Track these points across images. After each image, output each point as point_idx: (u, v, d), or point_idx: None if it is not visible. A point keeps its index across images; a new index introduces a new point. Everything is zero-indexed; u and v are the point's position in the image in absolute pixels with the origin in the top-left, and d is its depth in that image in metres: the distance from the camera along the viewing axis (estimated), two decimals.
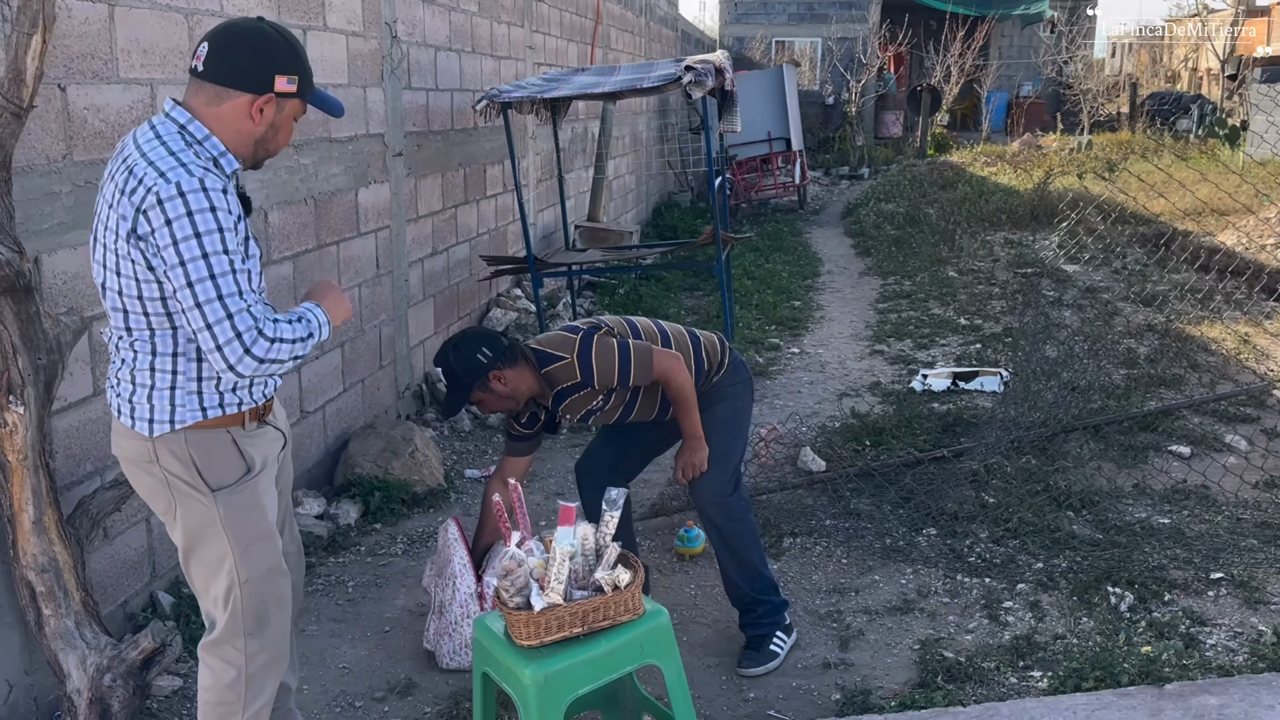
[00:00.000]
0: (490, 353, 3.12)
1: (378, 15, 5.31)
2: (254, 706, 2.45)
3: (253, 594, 2.37)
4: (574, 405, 3.29)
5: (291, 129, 2.38)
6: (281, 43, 2.26)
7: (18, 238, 2.67)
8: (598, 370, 3.17)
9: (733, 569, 3.42)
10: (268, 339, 2.15)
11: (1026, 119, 22.20)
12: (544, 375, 3.21)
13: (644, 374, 3.19)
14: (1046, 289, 7.92)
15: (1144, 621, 3.38)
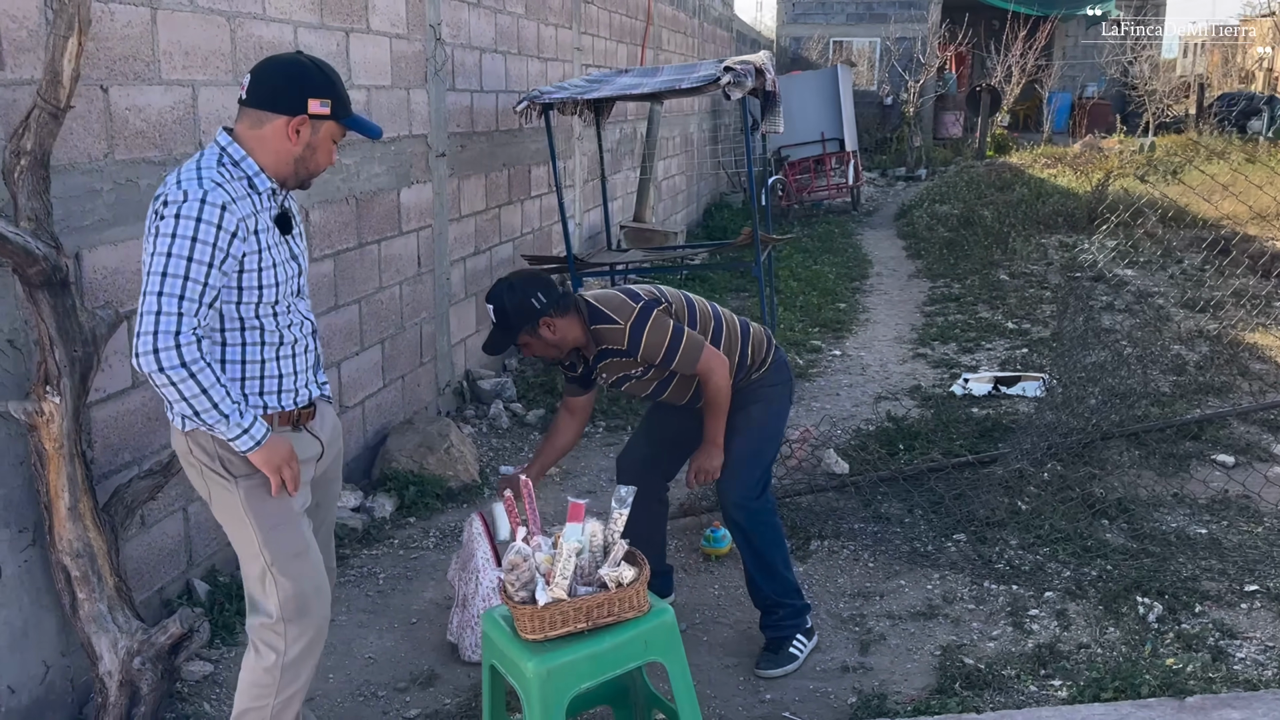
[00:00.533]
0: (545, 299, 3.11)
1: (421, 18, 5.39)
2: (287, 692, 2.55)
3: (285, 578, 2.48)
4: (612, 367, 3.28)
5: (330, 150, 2.50)
6: (315, 71, 2.42)
7: (55, 234, 2.76)
8: (645, 344, 3.16)
9: (756, 570, 3.42)
10: (170, 365, 2.22)
11: (1090, 120, 21.78)
12: (592, 332, 3.20)
13: (688, 364, 3.19)
14: (1099, 293, 7.77)
15: (1172, 633, 3.32)
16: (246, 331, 2.43)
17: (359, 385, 4.93)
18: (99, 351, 2.92)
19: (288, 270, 2.47)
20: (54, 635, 3.04)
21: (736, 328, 3.40)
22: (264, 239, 2.38)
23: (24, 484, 2.89)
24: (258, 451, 2.36)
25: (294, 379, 2.53)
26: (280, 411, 2.51)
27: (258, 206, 2.39)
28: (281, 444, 2.41)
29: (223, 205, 2.28)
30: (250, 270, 2.36)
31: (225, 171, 2.36)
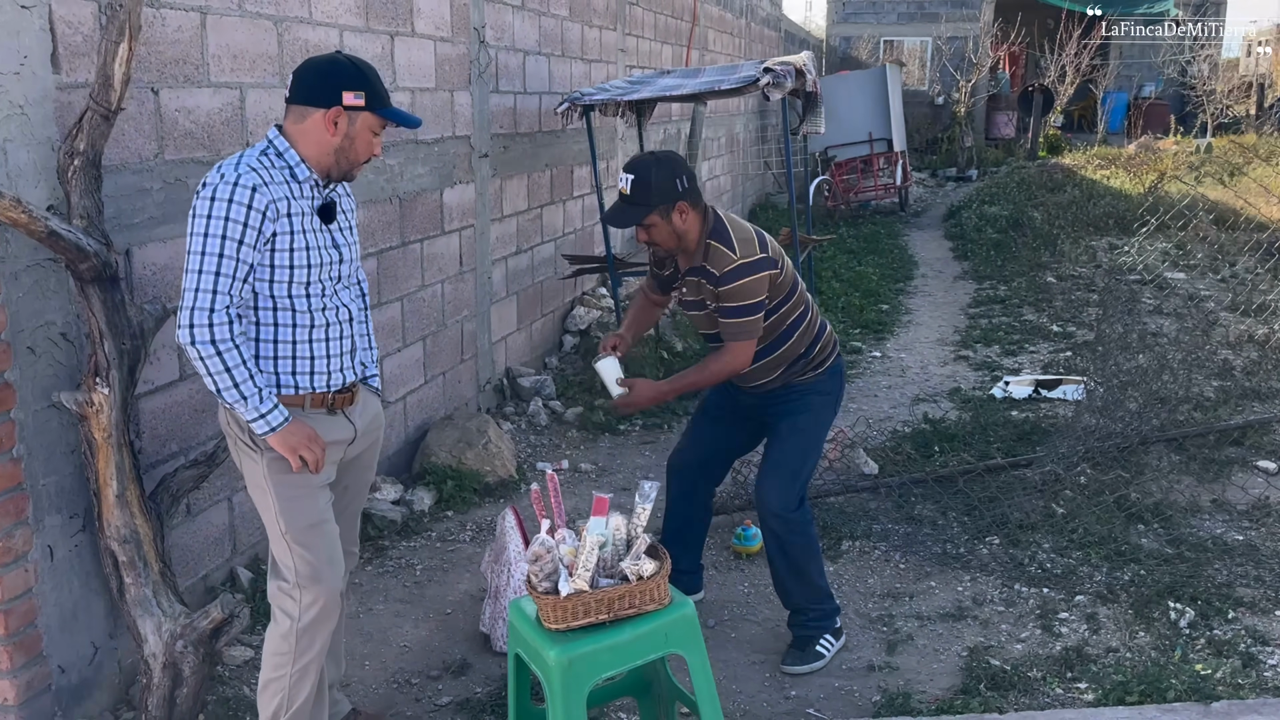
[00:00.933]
0: (688, 184, 3.11)
1: (466, 21, 5.48)
2: (303, 660, 2.67)
3: (300, 546, 2.62)
4: (695, 287, 3.25)
5: (369, 141, 2.62)
6: (350, 66, 2.57)
7: (106, 231, 2.87)
8: (731, 289, 3.13)
9: (788, 578, 3.42)
10: (202, 340, 2.41)
11: (1147, 121, 21.39)
12: (706, 243, 3.16)
13: (731, 332, 3.18)
14: (1146, 296, 7.66)
15: (1203, 638, 3.29)
16: (279, 312, 2.58)
17: (400, 381, 5.03)
18: (147, 345, 3.03)
19: (324, 256, 2.60)
20: (102, 618, 3.16)
21: (816, 323, 3.40)
22: (296, 223, 2.53)
23: (75, 472, 3.01)
24: (273, 436, 2.52)
25: (326, 362, 2.65)
26: (312, 393, 2.65)
27: (295, 194, 2.55)
28: (298, 428, 2.54)
29: (253, 187, 2.44)
30: (281, 250, 2.51)
31: (266, 160, 2.54)
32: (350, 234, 2.75)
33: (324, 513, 2.66)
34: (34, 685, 2.92)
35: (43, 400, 2.88)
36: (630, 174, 3.11)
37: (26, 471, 2.85)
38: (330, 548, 2.67)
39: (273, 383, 2.60)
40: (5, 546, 2.79)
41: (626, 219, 3.14)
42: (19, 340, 2.79)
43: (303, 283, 2.55)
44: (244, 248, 2.44)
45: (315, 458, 2.56)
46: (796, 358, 3.35)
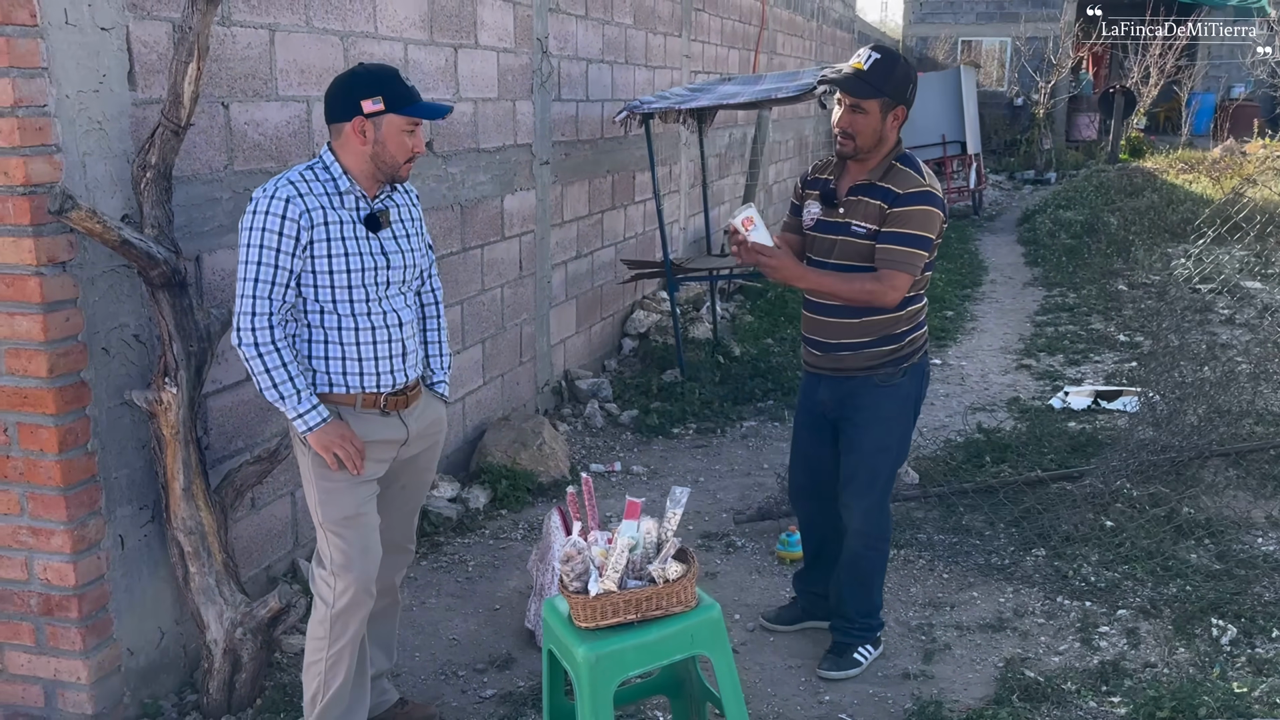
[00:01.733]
0: (913, 97, 3.11)
1: (529, 32, 5.62)
2: (338, 644, 2.82)
3: (335, 536, 2.78)
4: (858, 207, 3.10)
5: (401, 141, 2.73)
6: (364, 74, 2.70)
7: (175, 239, 3.05)
8: (910, 212, 3.01)
9: (849, 588, 3.41)
10: (246, 343, 2.64)
11: (1235, 123, 20.73)
12: (891, 165, 3.09)
13: (894, 261, 3.01)
14: (1220, 306, 7.50)
15: (1244, 656, 3.26)
16: (325, 315, 2.75)
17: (459, 382, 5.18)
18: (213, 347, 3.20)
19: (369, 263, 2.74)
20: (169, 604, 3.35)
21: (921, 314, 3.28)
22: (334, 230, 2.68)
23: (145, 466, 3.19)
24: (310, 435, 2.70)
25: (375, 364, 2.79)
26: (362, 393, 2.80)
27: (336, 204, 2.70)
28: (334, 428, 2.70)
29: (286, 199, 2.63)
30: (320, 257, 2.68)
31: (310, 174, 2.71)
32: (407, 242, 2.87)
33: (361, 506, 2.80)
34: (105, 666, 3.11)
35: (116, 398, 3.06)
36: (876, 53, 3.06)
37: (100, 465, 3.04)
38: (365, 539, 2.81)
39: (324, 382, 2.76)
40: (79, 535, 2.98)
41: (856, 88, 3.03)
42: (94, 341, 2.98)
43: (344, 287, 2.71)
44: (282, 255, 2.61)
45: (350, 457, 2.70)
46: (889, 336, 3.18)
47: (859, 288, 3.06)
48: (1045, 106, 19.54)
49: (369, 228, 2.76)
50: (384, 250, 2.80)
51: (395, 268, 2.83)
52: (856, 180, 3.13)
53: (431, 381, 3.08)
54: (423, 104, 2.73)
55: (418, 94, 2.75)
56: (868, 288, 3.05)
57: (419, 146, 2.76)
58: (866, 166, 3.12)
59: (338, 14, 4.01)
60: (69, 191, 2.70)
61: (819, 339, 3.28)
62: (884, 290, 3.03)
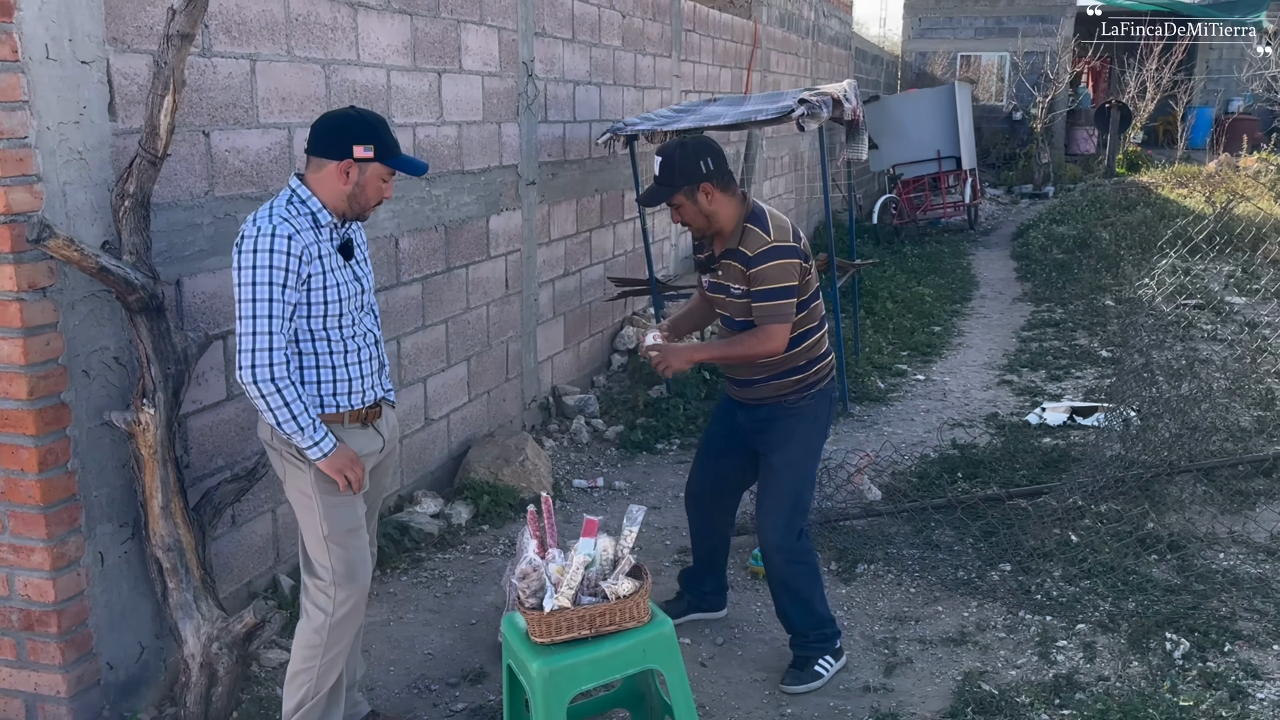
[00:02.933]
0: (713, 166, 3.26)
1: (514, 56, 5.73)
2: (332, 653, 2.95)
3: (339, 548, 2.91)
4: (729, 271, 3.37)
5: (379, 187, 2.92)
6: (359, 121, 2.86)
7: (153, 265, 3.15)
8: (759, 271, 3.26)
9: (789, 606, 3.55)
10: (263, 379, 2.72)
11: (1232, 137, 20.82)
12: (742, 228, 3.30)
13: (764, 315, 3.27)
14: (1201, 323, 7.57)
15: (1195, 670, 3.33)
16: (318, 342, 2.90)
17: (444, 399, 5.27)
18: (190, 369, 3.30)
19: (350, 289, 2.93)
20: (149, 620, 3.43)
21: (823, 345, 3.51)
22: (326, 263, 2.84)
23: (124, 485, 3.29)
24: (324, 460, 2.82)
25: (360, 382, 2.97)
26: (350, 410, 2.96)
27: (319, 237, 2.85)
28: (345, 452, 2.85)
29: (289, 235, 2.75)
30: (316, 289, 2.83)
31: (293, 209, 2.85)
32: (365, 265, 3.07)
33: (361, 518, 2.97)
34: (84, 680, 3.20)
35: (96, 419, 3.16)
36: (659, 156, 3.30)
37: (80, 484, 3.13)
38: (363, 550, 2.98)
39: (317, 404, 2.90)
40: (59, 552, 3.07)
41: (653, 198, 3.33)
42: (75, 364, 3.08)
43: (335, 315, 2.87)
44: (287, 290, 2.75)
45: (358, 478, 2.87)
46: (794, 368, 3.43)
47: (743, 349, 3.36)
48: (1043, 121, 19.65)
49: (344, 256, 2.94)
50: (356, 276, 2.98)
51: (366, 290, 3.03)
52: (724, 246, 3.38)
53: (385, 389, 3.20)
54: (406, 159, 2.91)
55: (399, 146, 2.92)
56: (750, 345, 3.34)
57: (389, 193, 2.93)
58: (725, 236, 3.36)
59: (319, 43, 4.12)
60: (47, 220, 2.80)
61: (736, 377, 3.57)
62: (763, 342, 3.31)
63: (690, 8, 8.74)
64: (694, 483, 3.82)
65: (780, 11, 12.00)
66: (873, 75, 18.93)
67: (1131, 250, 10.89)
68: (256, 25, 3.78)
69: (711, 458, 3.75)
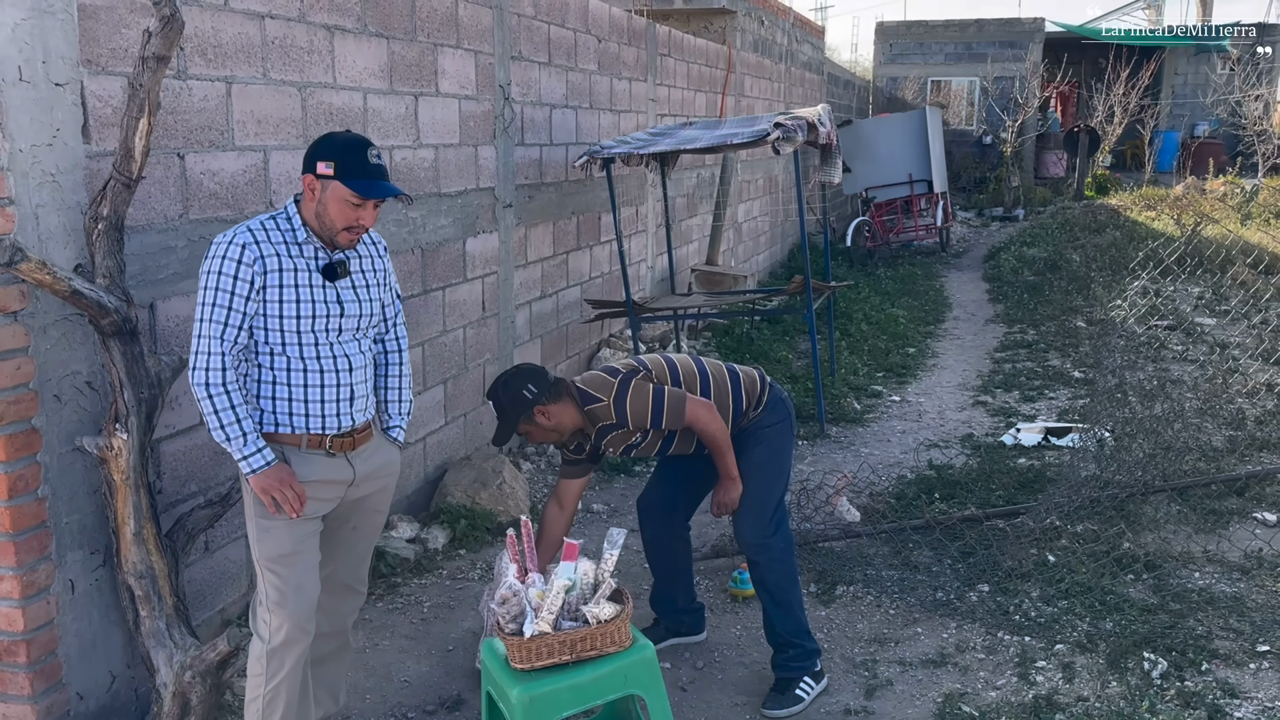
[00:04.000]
0: (535, 389, 3.37)
1: (491, 79, 5.74)
2: (274, 681, 2.88)
3: (269, 573, 2.86)
4: (614, 441, 3.52)
5: (344, 211, 2.81)
6: (332, 140, 2.82)
7: (127, 289, 3.12)
8: (631, 413, 3.41)
9: (772, 607, 3.58)
10: (198, 383, 2.73)
11: (1198, 161, 21.17)
12: (586, 412, 3.45)
13: (675, 419, 3.41)
14: (1173, 343, 7.65)
15: (1173, 690, 3.34)
16: (275, 357, 2.85)
17: (420, 423, 5.24)
18: (164, 393, 3.26)
19: (320, 310, 2.84)
20: (120, 648, 3.38)
21: (725, 376, 3.62)
22: (289, 278, 2.79)
23: (96, 510, 3.24)
24: (253, 477, 2.78)
25: (321, 406, 2.87)
26: (307, 434, 2.87)
27: (294, 253, 2.81)
28: (275, 473, 2.78)
29: (242, 244, 2.74)
30: (272, 301, 2.78)
31: (272, 223, 2.83)
32: (366, 292, 2.97)
33: (298, 544, 2.86)
34: (54, 711, 3.13)
35: (67, 444, 3.11)
36: (490, 399, 3.45)
37: (50, 510, 3.08)
38: (300, 577, 2.87)
39: (270, 422, 2.84)
40: (29, 580, 3.02)
41: (503, 436, 3.44)
42: (46, 389, 3.04)
43: (294, 331, 2.80)
44: (236, 298, 2.72)
45: (287, 501, 2.78)
46: (727, 414, 3.56)
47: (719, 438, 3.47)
48: (1013, 145, 19.90)
49: (326, 277, 2.86)
50: (340, 299, 2.89)
51: (350, 316, 2.91)
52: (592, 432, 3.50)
53: (387, 426, 3.15)
54: (364, 182, 2.76)
55: (378, 173, 2.81)
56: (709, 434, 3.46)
57: (364, 220, 2.82)
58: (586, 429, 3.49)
59: (296, 66, 4.11)
60: (19, 244, 2.77)
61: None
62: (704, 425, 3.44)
63: (665, 32, 8.80)
64: (648, 493, 3.88)
65: (754, 37, 12.11)
66: (845, 100, 19.11)
67: (1102, 272, 11.02)
68: (232, 48, 3.76)
69: (667, 475, 3.84)
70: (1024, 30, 22.57)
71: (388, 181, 2.84)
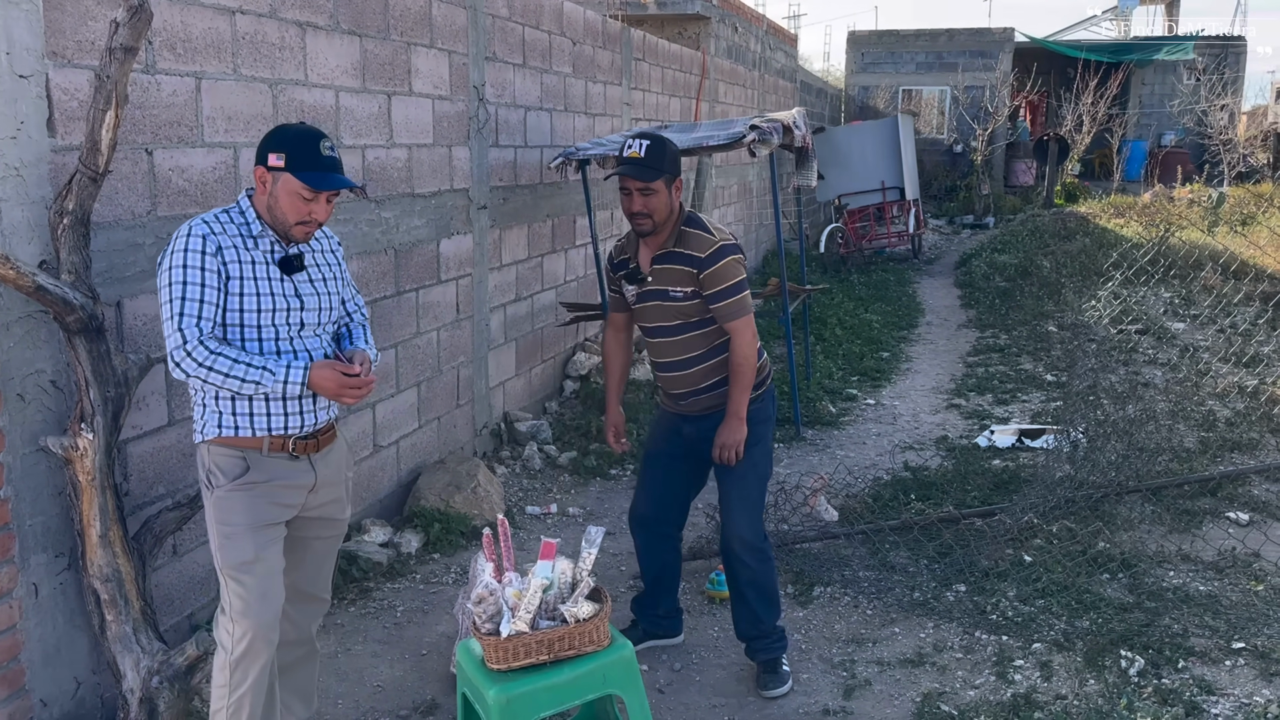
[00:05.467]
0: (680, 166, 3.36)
1: (465, 80, 5.70)
2: (238, 692, 2.79)
3: (232, 581, 2.77)
4: (666, 275, 3.40)
5: (296, 204, 2.73)
6: (283, 131, 2.75)
7: (93, 285, 3.05)
8: (718, 268, 3.32)
9: (760, 605, 3.58)
10: (195, 361, 2.61)
11: (1165, 169, 21.45)
12: (680, 231, 3.37)
13: (736, 311, 3.35)
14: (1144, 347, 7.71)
15: (1150, 687, 3.35)
16: None
17: (393, 426, 5.18)
18: (130, 392, 3.19)
19: (280, 304, 2.76)
20: (85, 654, 3.30)
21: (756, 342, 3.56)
22: (247, 270, 2.72)
23: (61, 513, 3.16)
24: (312, 384, 2.69)
25: (283, 405, 2.77)
26: (269, 436, 2.77)
27: (249, 246, 2.75)
28: (322, 369, 2.71)
29: (203, 235, 2.68)
30: (233, 294, 2.71)
31: (226, 216, 2.76)
32: (324, 285, 2.89)
33: (261, 551, 2.77)
34: (16, 718, 3.05)
35: (31, 444, 3.04)
36: (645, 140, 3.31)
37: (14, 512, 3.00)
38: (264, 585, 2.77)
39: (230, 424, 2.74)
40: None
41: (644, 173, 3.27)
42: (9, 387, 2.96)
43: (254, 326, 2.72)
44: (207, 281, 2.64)
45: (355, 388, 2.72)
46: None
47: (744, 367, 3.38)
48: (983, 153, 20.06)
49: (283, 270, 2.79)
50: (298, 293, 2.81)
51: (310, 310, 2.84)
52: (655, 251, 3.43)
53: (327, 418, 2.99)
54: (316, 174, 2.69)
55: (330, 165, 2.73)
56: (743, 357, 3.38)
57: (317, 214, 2.75)
58: (660, 239, 3.40)
59: (267, 62, 4.06)
60: None
61: (681, 390, 3.57)
62: (747, 343, 3.38)
63: (640, 37, 8.80)
64: (639, 505, 3.82)
65: (728, 43, 12.14)
66: (818, 108, 19.20)
67: (1072, 278, 11.12)
68: (202, 43, 3.71)
69: (656, 478, 3.75)
70: (994, 40, 22.78)
71: (341, 174, 2.76)
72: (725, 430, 3.42)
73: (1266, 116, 29.30)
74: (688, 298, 3.38)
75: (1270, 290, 9.57)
